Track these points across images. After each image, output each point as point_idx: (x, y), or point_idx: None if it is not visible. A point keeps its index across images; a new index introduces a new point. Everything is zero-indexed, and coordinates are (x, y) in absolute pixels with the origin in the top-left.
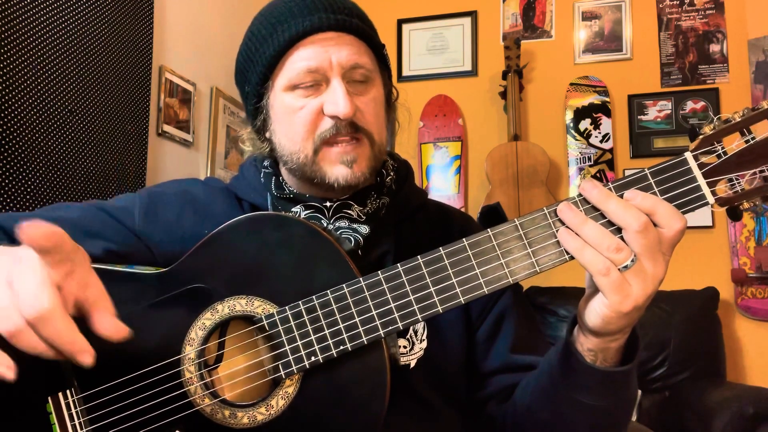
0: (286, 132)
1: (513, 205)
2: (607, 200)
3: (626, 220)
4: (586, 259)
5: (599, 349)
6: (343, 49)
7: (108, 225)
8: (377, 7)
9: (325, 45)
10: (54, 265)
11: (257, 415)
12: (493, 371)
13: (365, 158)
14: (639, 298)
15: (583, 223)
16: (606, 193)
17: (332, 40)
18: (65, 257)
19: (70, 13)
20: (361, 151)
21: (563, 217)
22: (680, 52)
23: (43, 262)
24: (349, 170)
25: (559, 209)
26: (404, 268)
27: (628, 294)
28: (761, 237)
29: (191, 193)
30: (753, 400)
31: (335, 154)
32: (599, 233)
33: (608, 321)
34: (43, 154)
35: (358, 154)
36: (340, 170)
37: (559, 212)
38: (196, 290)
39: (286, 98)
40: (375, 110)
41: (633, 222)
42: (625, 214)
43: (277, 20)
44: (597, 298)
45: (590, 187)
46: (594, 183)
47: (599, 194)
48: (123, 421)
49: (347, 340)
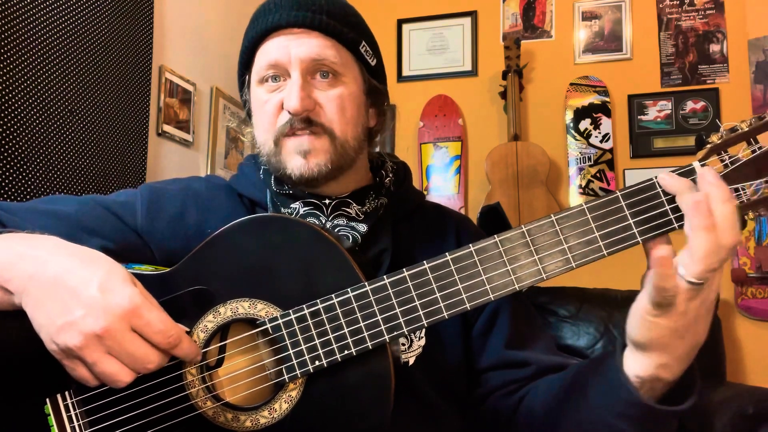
0: (256, 125)
1: (513, 205)
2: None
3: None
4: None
5: (648, 377)
6: (304, 44)
7: (106, 222)
8: (377, 7)
9: (287, 40)
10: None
11: (260, 418)
12: (488, 367)
13: (322, 151)
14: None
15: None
16: (723, 186)
17: (295, 36)
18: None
19: (70, 14)
20: (318, 143)
21: (667, 183)
22: (680, 52)
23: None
24: (303, 161)
25: (662, 178)
26: (410, 273)
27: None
28: (761, 237)
29: (193, 188)
30: (753, 400)
31: (291, 145)
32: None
33: (648, 317)
34: (43, 153)
35: (314, 146)
36: (296, 161)
37: (662, 180)
38: (198, 292)
39: (257, 92)
40: (340, 106)
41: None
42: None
43: (255, 17)
44: (640, 301)
45: (707, 171)
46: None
47: (717, 186)
48: (123, 423)
49: (352, 345)
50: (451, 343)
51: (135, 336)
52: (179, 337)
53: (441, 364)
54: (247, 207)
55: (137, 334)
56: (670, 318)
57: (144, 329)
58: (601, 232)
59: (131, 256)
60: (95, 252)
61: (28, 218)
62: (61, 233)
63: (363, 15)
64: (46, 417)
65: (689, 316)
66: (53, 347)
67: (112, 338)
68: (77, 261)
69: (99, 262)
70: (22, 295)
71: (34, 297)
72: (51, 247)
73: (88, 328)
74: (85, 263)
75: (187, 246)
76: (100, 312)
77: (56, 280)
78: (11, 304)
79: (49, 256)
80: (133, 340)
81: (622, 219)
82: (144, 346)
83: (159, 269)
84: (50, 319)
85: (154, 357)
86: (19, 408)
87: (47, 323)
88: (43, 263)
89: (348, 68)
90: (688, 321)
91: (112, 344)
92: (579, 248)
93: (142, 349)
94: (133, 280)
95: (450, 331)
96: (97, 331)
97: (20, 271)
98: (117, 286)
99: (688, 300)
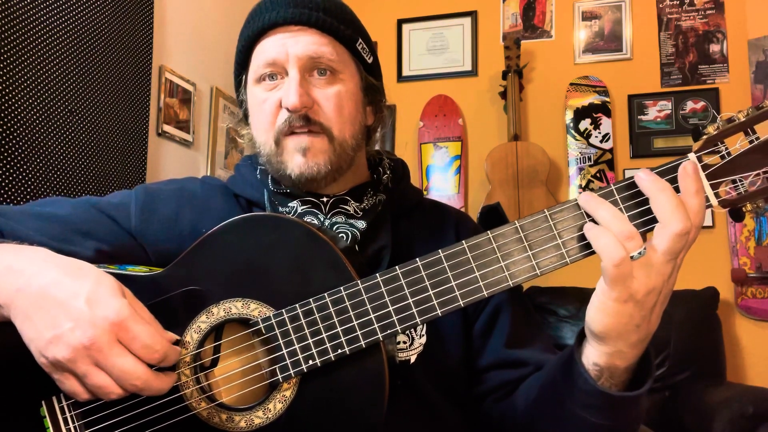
0: (255, 125)
1: (513, 205)
2: (661, 192)
3: (671, 219)
4: (600, 244)
5: (606, 365)
6: (301, 41)
7: (101, 224)
8: (377, 7)
9: (284, 38)
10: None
11: (254, 418)
12: (488, 366)
13: (321, 150)
14: (639, 291)
15: (598, 206)
16: (662, 184)
17: (291, 34)
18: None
19: (70, 13)
20: (316, 142)
21: (583, 202)
22: (680, 52)
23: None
24: (303, 159)
25: (581, 198)
26: (402, 271)
27: (629, 285)
28: (761, 237)
29: (188, 189)
30: (753, 400)
31: (291, 144)
32: (612, 216)
33: (608, 314)
34: (43, 153)
35: (313, 144)
36: (296, 160)
37: (580, 200)
38: (190, 293)
39: (255, 91)
40: (338, 104)
41: (678, 224)
42: (674, 212)
43: (251, 16)
44: (598, 290)
45: (645, 175)
46: (650, 173)
47: (653, 183)
48: (118, 425)
49: (345, 344)
50: (452, 342)
51: (122, 349)
52: (164, 353)
53: (442, 362)
54: (244, 207)
55: (125, 347)
56: (627, 305)
57: (130, 343)
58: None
59: (126, 257)
60: (84, 264)
61: (23, 222)
62: (56, 236)
63: (363, 15)
64: (42, 419)
65: (646, 306)
66: (43, 360)
67: (99, 351)
68: (65, 273)
69: (87, 274)
70: (10, 308)
71: (22, 310)
72: (39, 260)
73: (76, 341)
74: (73, 275)
75: (181, 247)
76: (87, 324)
77: (44, 293)
78: (1, 316)
79: (36, 269)
80: (120, 353)
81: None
82: (130, 360)
83: (153, 270)
84: (38, 333)
85: (140, 372)
86: (15, 411)
87: (36, 336)
88: (30, 276)
89: (345, 65)
90: (644, 311)
91: (99, 357)
92: (573, 243)
93: (129, 363)
94: (122, 291)
95: (451, 330)
96: (85, 343)
97: (7, 284)
98: (104, 298)
99: (642, 281)
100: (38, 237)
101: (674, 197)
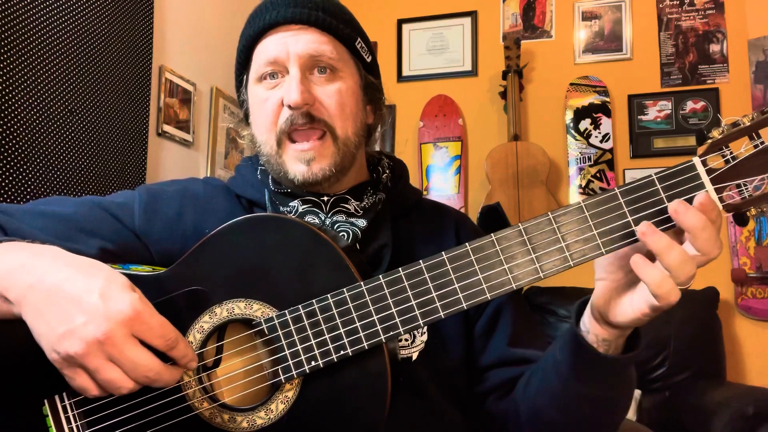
0: (256, 124)
1: (513, 205)
2: (705, 228)
3: (706, 249)
4: (662, 291)
5: (613, 339)
6: (301, 40)
7: (104, 222)
8: (377, 7)
9: (284, 37)
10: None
11: (257, 419)
12: (491, 365)
13: (326, 156)
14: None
15: (669, 248)
16: (705, 221)
17: (292, 33)
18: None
19: (70, 13)
20: (322, 149)
21: (647, 240)
22: (680, 52)
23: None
24: (306, 168)
25: (642, 231)
26: (406, 273)
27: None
28: (761, 237)
29: (191, 190)
30: (753, 400)
31: (295, 151)
32: (683, 260)
33: (644, 317)
34: (43, 153)
35: (319, 152)
36: (299, 168)
37: (642, 235)
38: (193, 293)
39: (256, 90)
40: (339, 102)
41: (712, 250)
42: (711, 242)
43: (252, 17)
44: (638, 294)
45: (684, 209)
46: (650, 226)
47: (699, 220)
48: (120, 424)
49: (348, 345)
50: (453, 340)
51: (136, 342)
52: (177, 339)
53: (443, 360)
54: (245, 208)
55: (137, 340)
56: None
57: (146, 334)
58: (599, 230)
59: (130, 256)
60: (94, 261)
61: (27, 220)
62: (60, 234)
63: (363, 15)
64: (45, 418)
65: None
66: (54, 356)
67: (114, 345)
68: (77, 270)
69: (99, 271)
70: (22, 305)
71: (34, 306)
72: (50, 257)
73: (89, 335)
74: (85, 272)
75: (184, 247)
76: (102, 318)
77: (56, 289)
78: (11, 313)
79: (49, 266)
80: (134, 346)
81: (621, 216)
82: (144, 353)
83: (157, 270)
84: (51, 328)
85: (154, 364)
86: (17, 410)
87: (48, 332)
88: (42, 273)
89: (345, 64)
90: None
91: (113, 351)
92: (577, 246)
93: (143, 356)
94: (132, 287)
95: (452, 329)
96: (99, 337)
97: (19, 281)
98: (117, 293)
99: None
100: (43, 235)
101: (683, 252)
